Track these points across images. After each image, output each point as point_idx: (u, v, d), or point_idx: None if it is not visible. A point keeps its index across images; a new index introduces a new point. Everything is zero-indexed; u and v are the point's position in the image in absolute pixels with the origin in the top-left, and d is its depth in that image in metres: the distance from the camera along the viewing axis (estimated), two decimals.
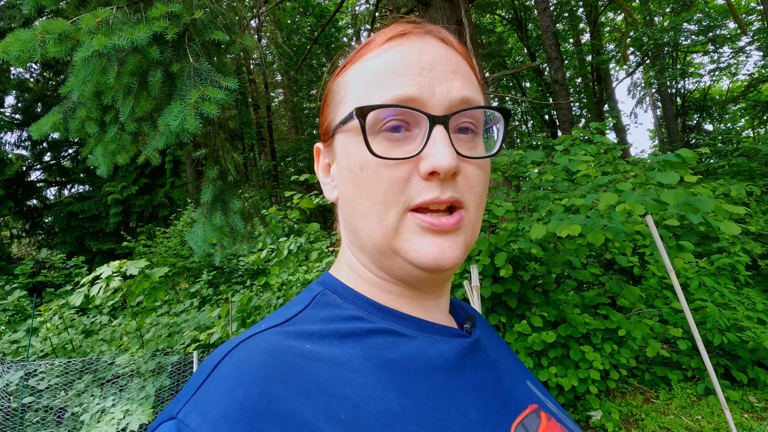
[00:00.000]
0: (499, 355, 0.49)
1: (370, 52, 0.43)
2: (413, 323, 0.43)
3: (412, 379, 0.37)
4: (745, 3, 14.84)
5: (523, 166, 4.18)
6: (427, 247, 0.39)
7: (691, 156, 2.40)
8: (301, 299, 0.45)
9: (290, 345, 0.36)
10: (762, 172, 7.20)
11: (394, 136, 0.39)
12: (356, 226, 0.43)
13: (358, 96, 0.41)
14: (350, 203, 0.43)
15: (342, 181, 0.44)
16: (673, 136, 12.73)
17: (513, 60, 17.07)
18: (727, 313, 3.64)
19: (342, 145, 0.43)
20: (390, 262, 0.42)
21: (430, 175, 0.38)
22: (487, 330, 0.54)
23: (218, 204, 1.74)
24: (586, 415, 3.28)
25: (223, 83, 1.36)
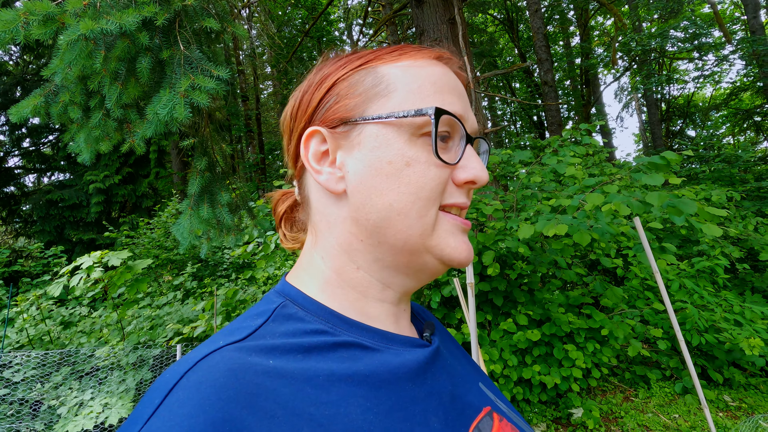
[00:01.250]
0: (455, 359, 0.50)
1: (414, 60, 0.45)
2: (377, 335, 0.42)
3: (376, 392, 0.36)
4: (729, 13, 15.18)
5: (511, 165, 4.21)
6: (461, 244, 0.44)
7: (675, 158, 2.44)
8: (259, 312, 0.42)
9: (252, 362, 0.33)
10: (741, 178, 7.40)
11: (440, 143, 0.43)
12: (384, 223, 0.41)
13: (418, 97, 0.42)
14: (381, 198, 0.41)
15: (372, 174, 0.42)
16: (657, 140, 12.98)
17: (504, 60, 17.17)
18: (706, 314, 3.74)
19: (378, 137, 0.42)
20: (414, 259, 0.43)
21: (465, 183, 0.44)
22: (444, 335, 0.56)
23: (206, 196, 1.70)
24: (568, 412, 3.34)
25: (215, 72, 1.31)
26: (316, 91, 0.46)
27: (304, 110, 0.46)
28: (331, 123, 0.44)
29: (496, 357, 3.20)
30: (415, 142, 0.42)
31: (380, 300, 0.45)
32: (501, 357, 3.26)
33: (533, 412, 3.39)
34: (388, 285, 0.45)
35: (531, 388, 3.37)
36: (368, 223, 0.42)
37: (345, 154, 0.43)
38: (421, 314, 0.58)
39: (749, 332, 3.50)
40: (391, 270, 0.44)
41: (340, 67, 0.46)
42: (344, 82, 0.45)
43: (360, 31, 11.40)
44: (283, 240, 0.54)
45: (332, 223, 0.45)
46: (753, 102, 14.45)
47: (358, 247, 0.44)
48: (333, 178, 0.43)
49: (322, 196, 0.46)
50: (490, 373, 3.22)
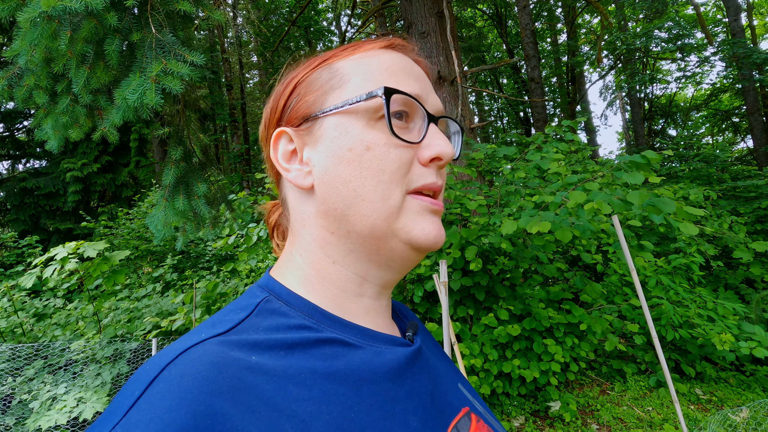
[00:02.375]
0: (436, 360, 0.51)
1: (367, 51, 0.46)
2: (360, 332, 0.42)
3: (357, 390, 0.37)
4: (712, 15, 15.47)
5: (496, 160, 4.23)
6: (429, 225, 0.43)
7: (656, 158, 2.48)
8: (242, 305, 0.41)
9: (235, 357, 0.33)
10: (718, 177, 7.59)
11: (399, 123, 0.43)
12: (350, 210, 0.42)
13: (370, 82, 0.43)
14: (345, 185, 0.42)
15: (334, 163, 0.42)
16: (639, 139, 13.23)
17: (492, 55, 17.21)
18: (681, 310, 3.83)
19: (337, 127, 0.42)
20: (382, 245, 0.43)
21: (431, 161, 0.43)
22: (426, 335, 0.57)
23: (181, 187, 1.64)
24: (546, 405, 3.39)
25: (189, 57, 1.25)
26: (281, 96, 0.47)
27: (273, 116, 0.48)
28: (295, 122, 0.45)
29: (477, 351, 3.23)
30: (373, 126, 0.42)
31: (359, 295, 0.45)
32: (482, 351, 3.29)
33: (512, 405, 3.44)
34: (365, 278, 0.45)
35: (510, 381, 3.41)
36: (336, 212, 0.43)
37: (310, 150, 0.44)
38: (405, 313, 0.58)
39: (721, 328, 3.60)
40: (364, 261, 0.44)
41: (300, 70, 0.47)
42: (303, 83, 0.46)
43: (348, 22, 11.27)
44: (276, 250, 0.55)
45: (305, 220, 0.46)
46: (732, 103, 14.81)
47: (330, 240, 0.44)
48: (301, 174, 0.44)
49: (296, 195, 0.47)
50: (470, 366, 3.24)
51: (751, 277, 4.99)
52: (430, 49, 6.03)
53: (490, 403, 3.46)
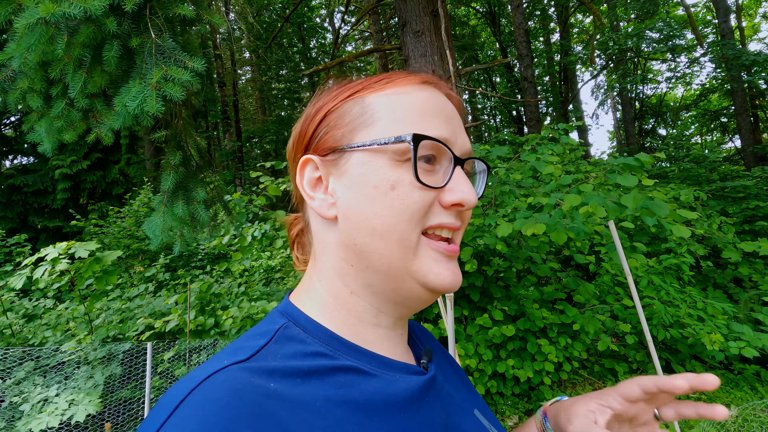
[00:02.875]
0: (452, 386, 0.52)
1: (399, 87, 0.46)
2: (375, 360, 0.43)
3: (369, 420, 0.37)
4: (702, 16, 15.65)
5: (489, 161, 4.24)
6: (444, 271, 0.43)
7: (649, 160, 2.51)
8: (262, 331, 0.43)
9: (255, 384, 0.34)
10: (708, 178, 7.70)
11: (425, 166, 0.43)
12: (369, 247, 0.43)
13: (399, 123, 0.43)
14: (366, 222, 0.42)
15: (358, 199, 0.43)
16: (630, 138, 13.36)
17: (485, 54, 17.23)
18: (672, 310, 3.88)
19: (364, 164, 0.43)
20: (399, 284, 0.43)
21: (453, 205, 0.44)
22: (443, 359, 0.57)
23: (180, 192, 1.62)
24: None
25: (189, 63, 1.24)
26: (311, 122, 0.48)
27: (302, 140, 0.49)
28: (322, 152, 0.46)
29: (472, 352, 3.25)
30: (400, 165, 0.42)
31: (375, 325, 0.46)
32: (476, 351, 3.31)
33: (506, 404, 3.47)
34: (381, 310, 0.46)
35: (505, 381, 3.44)
36: (356, 248, 0.43)
37: (335, 181, 0.45)
38: (421, 338, 0.59)
39: (710, 327, 3.67)
40: (380, 296, 0.45)
41: (332, 98, 0.48)
42: (334, 113, 0.46)
43: (342, 19, 11.21)
44: (296, 263, 0.56)
45: (327, 248, 0.46)
46: (720, 103, 15.02)
47: (349, 272, 0.45)
48: (325, 204, 0.45)
49: (318, 221, 0.47)
50: (465, 367, 3.26)
51: (739, 277, 5.08)
52: (424, 48, 6.02)
53: None
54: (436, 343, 0.62)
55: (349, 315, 0.45)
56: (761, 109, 13.47)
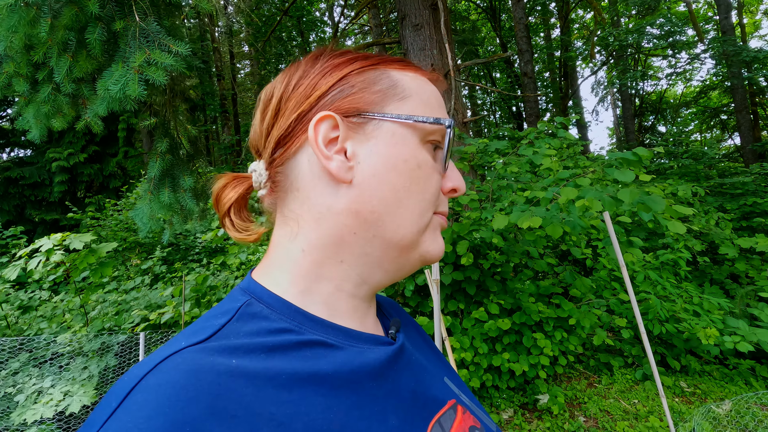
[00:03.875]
0: (421, 354, 0.52)
1: (417, 74, 0.49)
2: (342, 333, 0.43)
3: (337, 391, 0.37)
4: (703, 12, 15.57)
5: (488, 155, 4.23)
6: (440, 241, 0.48)
7: (647, 154, 2.49)
8: (223, 310, 0.41)
9: (215, 363, 0.33)
10: (706, 174, 7.69)
11: (434, 153, 0.47)
12: (388, 217, 0.43)
13: (428, 107, 0.47)
14: (393, 193, 0.43)
15: (387, 168, 0.43)
16: (629, 135, 13.33)
17: (485, 49, 17.16)
18: (667, 305, 3.88)
19: (396, 135, 0.44)
20: (402, 254, 0.45)
21: (449, 191, 0.49)
22: (412, 330, 0.58)
23: (167, 180, 1.60)
24: (534, 398, 3.43)
25: (173, 48, 1.21)
26: (325, 77, 0.45)
27: (306, 94, 0.45)
28: (345, 112, 0.44)
29: (467, 345, 3.25)
30: (423, 147, 0.45)
31: (353, 295, 0.45)
32: (472, 345, 3.31)
33: (501, 398, 3.47)
34: (365, 280, 0.46)
35: (500, 375, 3.44)
36: (372, 215, 0.43)
37: (357, 145, 0.44)
38: (389, 310, 0.58)
39: (706, 322, 3.67)
40: (374, 265, 0.45)
41: (348, 61, 0.47)
42: (359, 76, 0.46)
43: (341, 13, 11.14)
44: (230, 229, 0.50)
45: (324, 214, 0.44)
46: (720, 101, 14.98)
47: (349, 240, 0.44)
48: (343, 166, 0.43)
49: (318, 185, 0.44)
50: (461, 360, 3.26)
51: (736, 273, 5.08)
52: (423, 41, 5.99)
53: (480, 396, 3.49)
54: (405, 315, 0.62)
55: (329, 284, 0.44)
56: (761, 106, 13.43)
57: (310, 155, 0.44)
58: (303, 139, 0.44)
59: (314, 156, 0.44)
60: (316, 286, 0.44)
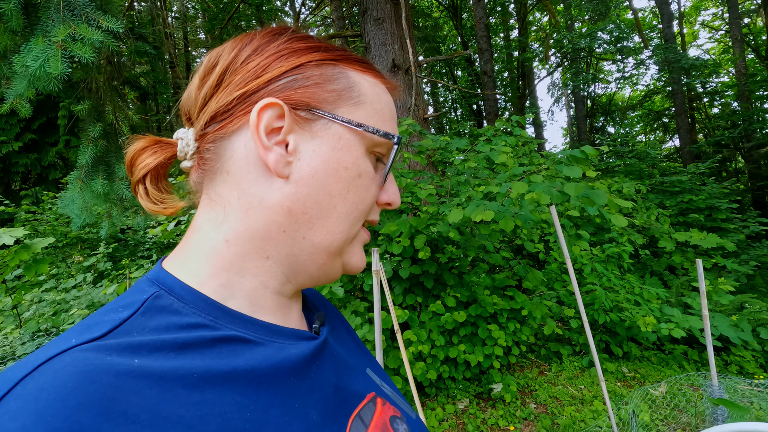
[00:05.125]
0: (344, 348, 0.51)
1: (376, 80, 0.47)
2: (263, 328, 0.40)
3: (255, 388, 0.35)
4: (648, 20, 16.55)
5: (448, 152, 4.29)
6: (363, 255, 0.48)
7: (593, 153, 2.61)
8: (126, 303, 0.37)
9: (112, 362, 0.30)
10: (649, 173, 8.20)
11: (376, 163, 0.47)
12: (320, 221, 0.42)
13: (381, 120, 0.45)
14: (328, 197, 0.42)
15: (327, 172, 0.42)
16: (582, 135, 13.98)
17: (447, 47, 17.39)
18: (612, 295, 4.12)
19: (342, 139, 0.43)
20: (328, 261, 0.44)
21: (384, 204, 0.48)
22: (337, 323, 0.58)
23: (101, 167, 1.48)
24: (489, 387, 3.54)
25: (103, 23, 1.12)
26: (280, 60, 0.42)
27: (256, 73, 0.41)
28: (295, 104, 0.41)
29: (425, 338, 3.29)
30: (367, 157, 0.44)
31: (278, 293, 0.44)
32: (429, 337, 3.36)
33: (458, 388, 3.55)
34: (290, 280, 0.44)
35: (456, 366, 3.52)
36: (304, 216, 0.41)
37: (300, 141, 0.41)
38: (315, 303, 0.56)
39: (646, 311, 3.92)
40: (299, 267, 0.43)
41: (308, 49, 0.43)
42: (317, 69, 0.43)
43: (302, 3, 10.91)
44: (143, 198, 0.45)
45: (254, 206, 0.41)
46: (663, 104, 16.01)
47: (277, 237, 0.41)
48: (281, 160, 0.40)
49: (251, 174, 0.41)
50: (418, 353, 3.30)
51: (673, 265, 5.46)
52: (385, 36, 5.97)
53: (437, 387, 3.56)
54: (331, 308, 0.61)
55: (253, 278, 0.42)
56: (698, 110, 14.49)
57: (247, 140, 0.41)
58: (243, 121, 0.41)
59: (252, 142, 0.40)
60: (238, 280, 0.41)
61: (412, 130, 3.77)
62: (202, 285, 0.39)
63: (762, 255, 5.97)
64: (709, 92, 13.59)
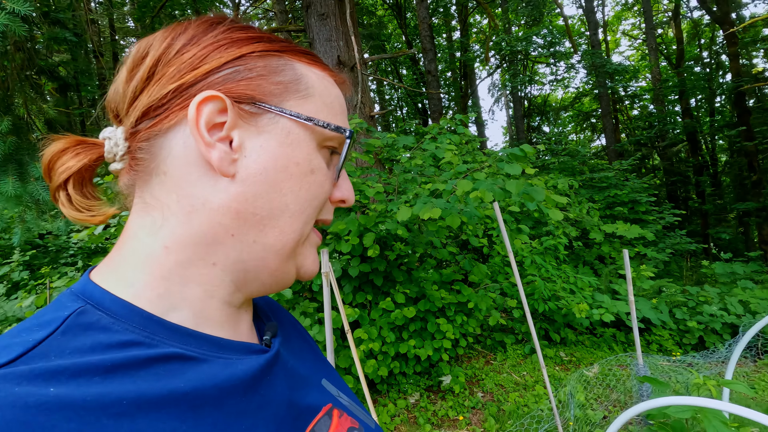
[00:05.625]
0: (297, 360, 0.48)
1: (324, 73, 0.45)
2: (207, 342, 0.37)
3: (197, 411, 0.32)
4: (577, 27, 17.76)
5: (395, 149, 4.33)
6: (316, 258, 0.46)
7: (531, 151, 2.76)
8: (43, 322, 0.32)
9: (21, 393, 0.26)
10: (580, 170, 8.82)
11: (329, 158, 0.45)
12: (272, 222, 0.39)
13: (332, 113, 0.43)
14: (279, 196, 0.39)
15: (277, 169, 0.39)
16: (520, 134, 14.73)
17: (392, 45, 17.54)
18: (550, 285, 4.37)
19: (291, 134, 0.40)
20: (281, 265, 0.41)
21: (338, 201, 0.46)
22: (290, 332, 0.54)
23: (10, 167, 1.30)
24: (438, 380, 3.62)
25: (8, 4, 0.98)
26: (219, 50, 0.38)
27: (193, 64, 0.38)
28: (237, 97, 0.38)
29: (375, 335, 3.30)
30: (318, 152, 0.42)
31: (226, 302, 0.40)
32: (380, 335, 3.37)
33: (408, 383, 3.60)
34: (240, 288, 0.41)
35: (407, 361, 3.57)
36: (254, 218, 0.38)
37: (246, 137, 0.38)
38: (268, 312, 0.52)
39: (579, 298, 4.21)
40: (249, 273, 0.40)
41: (250, 39, 0.40)
42: (260, 60, 0.40)
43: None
44: (65, 206, 0.40)
45: (197, 208, 0.37)
46: (591, 106, 17.27)
47: (224, 241, 0.38)
48: (226, 157, 0.37)
49: (193, 173, 0.37)
50: (369, 350, 3.31)
51: (602, 254, 5.91)
52: (329, 32, 5.89)
53: (388, 383, 3.58)
54: (286, 316, 0.58)
55: (198, 288, 0.37)
56: (621, 112, 15.81)
57: (186, 137, 0.37)
58: (180, 116, 0.37)
59: (192, 139, 0.37)
60: (179, 289, 0.37)
61: (359, 128, 3.76)
62: (136, 297, 0.35)
63: (675, 243, 6.64)
64: (629, 95, 14.88)
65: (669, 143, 12.04)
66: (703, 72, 12.50)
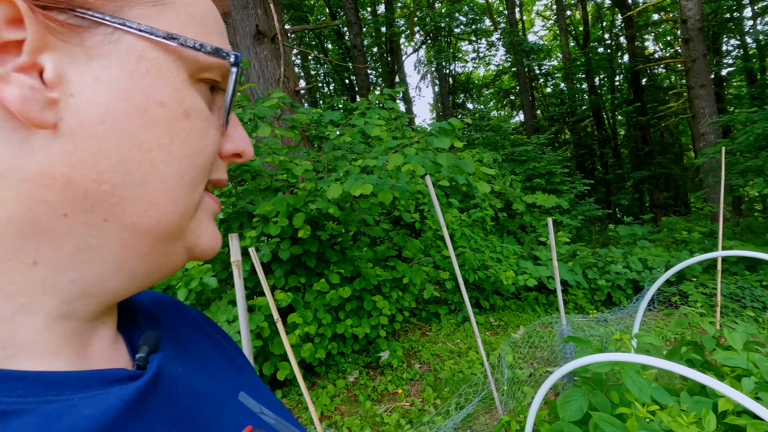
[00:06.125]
0: (202, 373, 0.36)
1: None
2: (33, 382, 0.24)
3: None
4: (497, 5, 18.37)
5: (323, 126, 4.16)
6: (215, 230, 0.34)
7: (459, 124, 2.78)
8: None
9: None
10: (502, 144, 9.27)
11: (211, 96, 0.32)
12: (133, 191, 0.26)
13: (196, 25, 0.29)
14: (140, 152, 0.26)
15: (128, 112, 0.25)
16: (446, 110, 15.09)
17: (315, 18, 16.84)
18: (479, 255, 4.56)
19: (144, 60, 0.26)
20: (160, 247, 0.29)
21: (231, 155, 0.34)
22: (188, 335, 0.40)
23: None
24: (377, 356, 3.65)
25: None
26: None
27: None
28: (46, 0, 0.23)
29: (311, 318, 3.20)
30: (191, 86, 0.29)
31: (61, 317, 0.26)
32: (315, 317, 3.28)
33: (347, 362, 3.58)
34: (88, 291, 0.27)
35: (345, 341, 3.53)
36: (97, 187, 0.25)
37: (67, 65, 0.24)
38: (155, 315, 0.38)
39: (506, 266, 4.45)
40: (104, 266, 0.27)
41: None
42: None
43: None
44: None
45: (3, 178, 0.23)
46: (510, 83, 18.15)
47: (51, 226, 0.25)
48: (37, 97, 0.23)
49: None
50: (305, 334, 3.21)
51: (523, 224, 6.29)
52: None
53: (326, 365, 3.53)
54: (182, 314, 0.43)
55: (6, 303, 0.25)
56: (536, 90, 16.82)
57: None
58: None
59: None
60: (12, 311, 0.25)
61: (282, 103, 3.53)
62: None
63: (586, 210, 7.29)
64: (543, 74, 15.86)
65: (578, 119, 13.10)
66: (605, 52, 13.65)
